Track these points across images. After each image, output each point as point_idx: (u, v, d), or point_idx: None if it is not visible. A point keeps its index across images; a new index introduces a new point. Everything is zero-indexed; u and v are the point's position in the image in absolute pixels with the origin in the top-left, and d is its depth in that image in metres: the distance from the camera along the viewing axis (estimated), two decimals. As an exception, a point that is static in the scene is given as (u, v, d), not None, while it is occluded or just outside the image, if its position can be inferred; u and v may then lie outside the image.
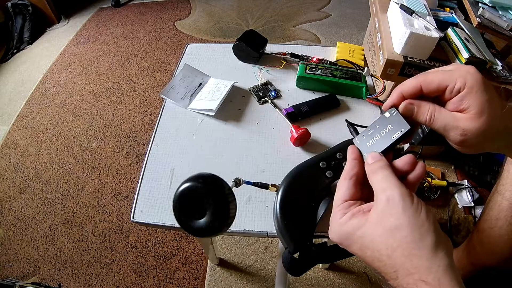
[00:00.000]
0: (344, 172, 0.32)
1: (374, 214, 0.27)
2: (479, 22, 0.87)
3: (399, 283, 0.24)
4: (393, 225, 0.25)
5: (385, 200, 0.26)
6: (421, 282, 0.23)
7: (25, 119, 1.51)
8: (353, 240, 0.27)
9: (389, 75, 0.93)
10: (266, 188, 0.45)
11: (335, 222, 0.29)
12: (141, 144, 1.37)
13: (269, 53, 0.71)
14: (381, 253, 0.25)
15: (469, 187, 1.12)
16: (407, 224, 0.24)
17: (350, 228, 0.28)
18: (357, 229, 0.27)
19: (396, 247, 0.24)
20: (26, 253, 1.07)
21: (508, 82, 0.88)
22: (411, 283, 0.23)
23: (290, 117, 0.58)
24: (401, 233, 0.24)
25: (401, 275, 0.24)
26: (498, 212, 0.70)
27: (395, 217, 0.25)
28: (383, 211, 0.26)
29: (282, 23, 2.03)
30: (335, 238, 0.29)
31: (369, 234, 0.26)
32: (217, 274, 0.99)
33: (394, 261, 0.24)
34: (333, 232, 0.30)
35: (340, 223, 0.29)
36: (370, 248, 0.26)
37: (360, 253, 0.27)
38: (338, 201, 0.30)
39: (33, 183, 1.26)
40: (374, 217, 0.26)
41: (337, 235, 0.29)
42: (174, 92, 0.63)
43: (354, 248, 0.28)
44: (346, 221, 0.28)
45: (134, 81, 1.65)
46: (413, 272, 0.23)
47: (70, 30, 2.05)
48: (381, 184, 0.28)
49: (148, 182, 0.51)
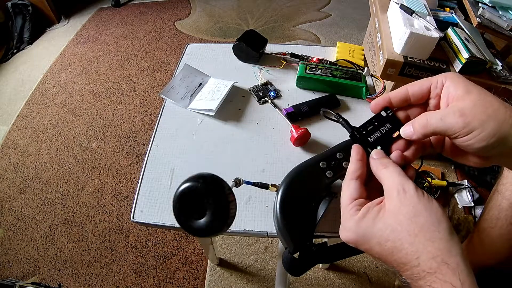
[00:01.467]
0: (349, 173, 0.32)
1: (391, 206, 0.27)
2: (479, 22, 0.87)
3: (420, 269, 0.24)
4: (412, 213, 0.26)
5: (402, 191, 0.27)
6: (444, 264, 0.24)
7: (25, 119, 1.51)
8: (372, 235, 0.27)
9: (389, 75, 0.93)
10: (266, 188, 0.45)
11: (349, 219, 0.29)
12: (141, 144, 1.37)
13: (269, 53, 0.71)
14: (402, 241, 0.25)
15: (469, 187, 1.12)
16: (424, 210, 0.26)
17: (370, 222, 0.27)
18: (377, 222, 0.27)
19: (418, 232, 0.25)
20: (26, 253, 1.07)
21: (508, 82, 0.88)
22: (435, 266, 0.24)
23: (290, 117, 0.58)
24: (421, 218, 0.25)
25: (423, 261, 0.24)
26: (499, 212, 0.70)
27: (412, 205, 0.26)
28: (401, 202, 0.27)
29: (282, 23, 2.03)
30: (351, 236, 0.29)
31: (390, 225, 0.26)
32: (217, 274, 0.99)
33: (417, 247, 0.25)
34: (348, 231, 0.29)
35: (357, 220, 0.28)
36: (391, 238, 0.26)
37: (377, 248, 0.27)
38: (348, 200, 0.30)
39: (33, 183, 1.26)
40: (391, 209, 0.27)
41: (353, 232, 0.28)
42: (174, 92, 0.63)
43: (373, 242, 0.27)
44: (363, 216, 0.28)
45: (134, 81, 1.65)
46: (437, 254, 0.24)
47: (70, 30, 2.05)
48: (391, 177, 0.29)
49: (148, 182, 0.51)
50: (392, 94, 0.33)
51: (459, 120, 0.27)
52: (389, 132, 0.33)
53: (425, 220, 0.25)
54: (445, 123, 0.28)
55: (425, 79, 0.32)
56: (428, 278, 0.24)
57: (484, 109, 0.27)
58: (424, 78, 0.32)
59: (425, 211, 0.26)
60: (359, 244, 0.29)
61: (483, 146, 0.27)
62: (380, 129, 0.34)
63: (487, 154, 0.29)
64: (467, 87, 0.29)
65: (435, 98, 0.32)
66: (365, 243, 0.28)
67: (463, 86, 0.29)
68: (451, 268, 0.23)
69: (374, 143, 0.33)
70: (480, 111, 0.27)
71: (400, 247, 0.25)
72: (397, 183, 0.28)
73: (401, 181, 0.28)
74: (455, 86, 0.29)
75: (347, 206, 0.30)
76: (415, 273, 0.25)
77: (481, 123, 0.27)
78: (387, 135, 0.33)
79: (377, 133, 0.34)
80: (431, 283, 0.24)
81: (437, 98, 0.32)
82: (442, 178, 1.17)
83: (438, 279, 0.23)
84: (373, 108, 0.35)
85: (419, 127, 0.30)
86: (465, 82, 0.29)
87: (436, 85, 0.31)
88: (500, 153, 0.28)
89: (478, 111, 0.27)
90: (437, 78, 0.31)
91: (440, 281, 0.23)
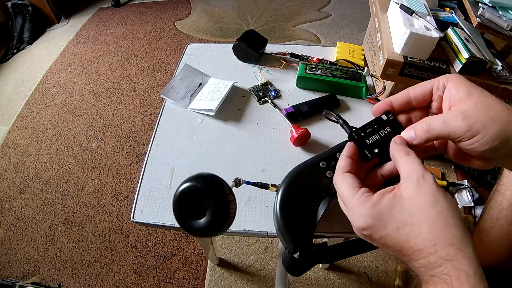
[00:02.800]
0: (339, 168, 0.31)
1: (409, 191, 0.27)
2: (479, 22, 0.87)
3: (437, 256, 0.24)
4: (431, 200, 0.26)
5: (421, 177, 0.27)
6: (460, 252, 0.24)
7: (25, 119, 1.51)
8: (390, 218, 0.27)
9: (389, 75, 0.93)
10: (266, 188, 0.45)
11: (363, 205, 0.28)
12: (141, 144, 1.37)
13: (269, 53, 0.71)
14: (421, 226, 0.25)
15: (469, 187, 1.12)
16: (442, 198, 0.26)
17: (386, 207, 0.27)
18: (394, 206, 0.27)
19: (436, 219, 0.25)
20: (26, 253, 1.07)
21: (508, 82, 0.88)
22: (452, 254, 0.24)
23: (290, 117, 0.58)
24: (438, 206, 0.25)
25: (440, 247, 0.24)
26: (499, 212, 0.70)
27: (431, 193, 0.26)
28: (419, 188, 0.27)
29: (282, 23, 2.03)
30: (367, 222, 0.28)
31: (408, 209, 0.26)
32: (217, 274, 0.99)
33: (435, 234, 0.25)
34: (363, 216, 0.28)
35: (372, 204, 0.27)
36: (409, 223, 0.26)
37: (394, 234, 0.27)
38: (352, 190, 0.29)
39: (33, 183, 1.26)
40: (410, 194, 0.27)
41: (369, 217, 0.27)
42: (174, 92, 0.63)
43: (390, 227, 0.27)
44: (378, 201, 0.28)
45: (134, 81, 1.65)
46: (453, 242, 0.24)
47: (70, 30, 2.05)
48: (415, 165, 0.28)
49: (148, 182, 0.51)
50: (394, 98, 0.33)
51: (462, 124, 0.27)
52: (388, 135, 0.33)
53: (442, 207, 0.25)
54: (448, 127, 0.28)
55: (427, 82, 0.32)
56: (445, 266, 0.24)
57: (487, 111, 0.27)
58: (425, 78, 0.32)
59: (443, 200, 0.26)
60: (375, 230, 0.28)
61: (486, 149, 0.27)
62: (379, 132, 0.33)
63: (490, 156, 0.29)
64: (469, 89, 0.29)
65: (437, 101, 0.32)
66: (381, 228, 0.27)
67: (465, 88, 0.29)
68: (466, 257, 0.24)
69: (372, 145, 0.33)
70: (483, 114, 0.27)
71: (418, 233, 0.25)
72: (418, 171, 0.28)
73: (422, 170, 0.28)
74: (457, 88, 0.29)
75: (354, 195, 0.29)
76: (431, 261, 0.25)
77: (484, 125, 0.26)
78: (387, 138, 0.33)
79: (376, 135, 0.33)
80: (448, 271, 0.24)
81: (439, 100, 0.31)
82: (442, 178, 1.17)
83: (454, 267, 0.23)
84: (375, 112, 0.34)
85: (421, 132, 0.30)
86: (467, 83, 0.29)
87: (438, 87, 0.31)
88: (503, 155, 0.28)
89: (480, 113, 0.27)
90: (439, 80, 0.31)
91: (455, 269, 0.23)
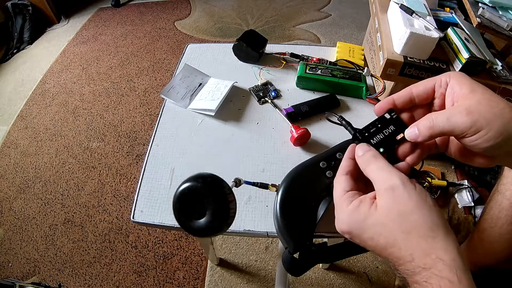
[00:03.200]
0: (340, 169, 0.32)
1: (381, 203, 0.27)
2: (479, 22, 0.87)
3: (415, 265, 0.24)
4: (404, 210, 0.25)
5: (389, 189, 0.27)
6: (439, 261, 0.23)
7: (25, 119, 1.51)
8: (365, 228, 0.27)
9: (389, 75, 0.93)
10: (266, 188, 0.45)
11: (343, 211, 0.29)
12: (141, 144, 1.37)
13: (269, 53, 0.71)
14: (395, 237, 0.25)
15: (469, 187, 1.12)
16: (416, 208, 0.25)
17: (361, 216, 0.27)
18: (368, 217, 0.27)
19: (410, 230, 0.25)
20: (26, 253, 1.07)
21: (508, 82, 0.88)
22: (429, 263, 0.24)
23: (290, 117, 0.58)
24: (413, 216, 0.25)
25: (417, 257, 0.24)
26: (499, 211, 0.70)
27: (403, 204, 0.26)
28: (391, 200, 0.26)
29: (282, 23, 2.03)
30: (345, 228, 0.29)
31: (381, 221, 0.26)
32: (217, 274, 0.99)
33: (410, 243, 0.25)
34: (341, 223, 0.29)
35: (349, 211, 0.28)
36: (384, 234, 0.26)
37: (370, 242, 0.27)
38: (341, 192, 0.30)
39: (33, 183, 1.26)
40: (382, 206, 0.27)
41: (346, 224, 0.28)
42: (174, 92, 0.63)
43: (365, 236, 0.27)
44: (354, 208, 0.28)
45: (134, 81, 1.65)
46: (431, 252, 0.24)
47: (70, 30, 2.05)
48: (378, 174, 0.28)
49: (148, 182, 0.51)
50: (396, 96, 0.33)
51: (466, 119, 0.27)
52: (392, 134, 0.33)
53: (417, 218, 0.25)
54: (452, 122, 0.28)
55: (429, 79, 0.32)
56: (424, 274, 0.24)
57: (490, 108, 0.27)
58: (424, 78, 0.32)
59: (417, 209, 0.25)
60: (354, 236, 0.28)
61: (489, 145, 0.27)
62: (383, 131, 0.33)
63: (493, 153, 0.29)
64: (472, 86, 0.29)
65: (439, 98, 0.31)
66: (358, 235, 0.28)
67: (468, 85, 0.29)
68: (447, 265, 0.23)
69: (376, 145, 0.33)
70: (486, 110, 0.26)
71: (393, 243, 0.25)
72: (383, 180, 0.28)
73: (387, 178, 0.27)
74: (460, 85, 0.29)
75: (340, 198, 0.30)
76: (410, 268, 0.25)
77: (488, 122, 0.26)
78: (391, 137, 0.33)
79: (380, 135, 0.33)
80: (428, 279, 0.23)
81: (442, 97, 0.31)
82: (442, 178, 1.17)
83: (435, 275, 0.23)
84: (377, 111, 0.34)
85: (425, 129, 0.30)
86: (470, 81, 0.29)
87: (440, 84, 0.31)
88: (505, 152, 0.28)
89: (484, 109, 0.27)
90: (441, 77, 0.31)
91: (436, 276, 0.23)
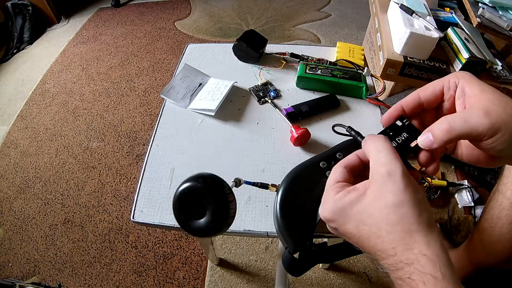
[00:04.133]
0: (340, 161, 0.31)
1: (373, 189, 0.26)
2: (479, 22, 0.87)
3: (397, 259, 0.24)
4: (394, 202, 0.25)
5: (386, 174, 0.25)
6: (422, 256, 0.23)
7: (25, 119, 1.51)
8: (349, 216, 0.26)
9: (389, 75, 0.93)
10: (266, 188, 0.45)
11: (329, 199, 0.28)
12: (141, 144, 1.37)
13: (269, 53, 0.71)
14: (380, 228, 0.25)
15: (469, 187, 1.12)
16: (407, 201, 0.24)
17: (347, 204, 0.27)
18: (354, 204, 0.26)
19: (396, 223, 0.24)
20: (26, 253, 1.07)
21: (508, 82, 0.88)
22: (412, 257, 0.23)
23: (290, 117, 0.58)
24: (402, 209, 0.24)
25: (400, 251, 0.24)
26: (499, 211, 0.70)
27: (395, 193, 0.25)
28: (383, 186, 0.25)
29: (282, 23, 2.03)
30: (328, 215, 0.28)
31: (368, 210, 0.26)
32: (217, 274, 0.99)
33: (394, 236, 0.24)
34: (326, 210, 0.28)
35: (335, 199, 0.27)
36: (368, 223, 0.25)
37: (354, 231, 0.26)
38: (332, 181, 0.29)
39: (33, 183, 1.26)
40: (373, 192, 0.26)
41: (330, 212, 0.28)
42: (174, 92, 0.63)
43: (349, 225, 0.27)
44: (342, 197, 0.27)
45: (134, 81, 1.65)
46: (414, 247, 0.23)
47: (70, 30, 2.05)
48: (380, 157, 0.27)
49: (148, 182, 0.51)
50: (404, 102, 0.32)
51: (485, 121, 0.25)
52: (405, 141, 0.31)
53: (406, 211, 0.24)
54: (470, 124, 0.26)
55: (436, 81, 0.30)
56: (407, 269, 0.23)
57: (504, 108, 0.26)
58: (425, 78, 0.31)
59: (408, 203, 0.24)
60: (338, 225, 0.28)
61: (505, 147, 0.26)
62: (396, 139, 0.32)
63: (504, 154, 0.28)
64: (481, 86, 0.28)
65: (449, 101, 0.30)
66: (342, 224, 0.27)
67: (477, 86, 0.28)
68: (430, 260, 0.23)
69: None
70: (501, 111, 0.25)
71: (377, 233, 0.25)
72: (382, 163, 0.26)
73: (387, 162, 0.26)
74: (470, 86, 0.28)
75: (330, 187, 0.29)
76: (392, 263, 0.24)
77: (504, 123, 0.25)
78: (404, 145, 0.31)
79: (393, 143, 0.31)
80: (410, 275, 0.23)
81: (452, 100, 0.30)
82: (442, 178, 1.17)
83: (418, 271, 0.23)
84: (385, 120, 0.32)
85: (441, 134, 0.27)
86: (479, 81, 0.28)
87: (449, 86, 0.30)
88: None
89: (499, 110, 0.25)
90: (449, 78, 0.30)
91: (419, 272, 0.23)
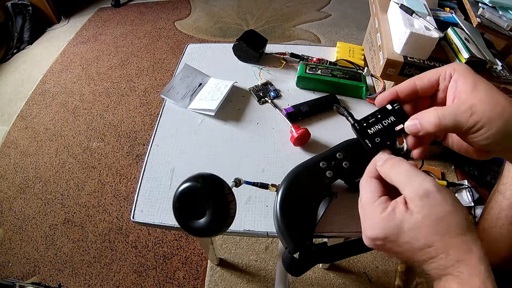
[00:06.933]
0: (367, 171, 0.32)
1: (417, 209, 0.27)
2: (479, 22, 0.87)
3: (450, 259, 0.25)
4: (440, 216, 0.26)
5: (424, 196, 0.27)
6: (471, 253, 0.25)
7: (25, 119, 1.51)
8: (401, 233, 0.27)
9: (389, 75, 0.93)
10: (266, 188, 0.45)
11: (377, 217, 0.29)
12: (141, 144, 1.37)
13: (269, 53, 0.71)
14: (433, 240, 0.26)
15: (469, 187, 1.12)
16: (450, 211, 0.26)
17: (398, 221, 0.27)
18: (405, 222, 0.27)
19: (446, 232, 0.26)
20: (26, 253, 1.07)
21: (508, 82, 0.88)
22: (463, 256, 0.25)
23: (290, 117, 0.58)
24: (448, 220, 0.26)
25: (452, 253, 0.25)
26: (499, 211, 0.70)
27: (439, 209, 0.26)
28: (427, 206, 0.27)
29: (282, 23, 2.03)
30: (380, 234, 0.28)
31: (418, 227, 0.27)
32: (217, 274, 0.99)
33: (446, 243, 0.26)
34: (375, 229, 0.29)
35: (384, 217, 0.28)
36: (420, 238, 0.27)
37: (407, 246, 0.27)
38: (372, 198, 0.30)
39: (33, 183, 1.26)
40: (419, 212, 0.27)
41: (381, 230, 0.28)
42: (174, 92, 0.63)
43: (402, 240, 0.27)
44: (389, 214, 0.28)
45: (134, 81, 1.65)
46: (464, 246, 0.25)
47: (70, 30, 2.05)
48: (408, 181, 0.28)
49: (148, 182, 0.51)
50: (399, 88, 0.32)
51: (471, 119, 0.27)
52: (391, 125, 0.32)
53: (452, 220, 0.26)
54: (456, 122, 0.28)
55: (433, 71, 0.31)
56: (457, 265, 0.25)
57: (493, 107, 0.27)
58: None
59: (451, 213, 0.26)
60: (388, 241, 0.28)
61: (488, 143, 0.28)
62: (382, 122, 0.32)
63: (491, 149, 0.30)
64: (475, 81, 0.29)
65: (443, 91, 0.31)
66: (394, 240, 0.28)
67: (471, 80, 0.29)
68: (477, 255, 0.25)
69: (373, 135, 0.32)
70: (488, 109, 0.27)
71: (430, 244, 0.26)
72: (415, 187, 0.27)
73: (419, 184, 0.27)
74: (464, 80, 0.29)
75: (372, 204, 0.29)
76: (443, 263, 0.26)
77: (489, 121, 0.27)
78: (389, 128, 0.32)
79: (379, 125, 0.32)
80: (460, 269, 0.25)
81: (445, 90, 0.31)
82: (442, 178, 1.17)
83: (466, 265, 0.25)
84: (379, 102, 0.33)
85: (429, 125, 0.29)
86: (474, 75, 0.29)
87: (444, 77, 0.31)
88: (504, 148, 0.29)
89: (487, 109, 0.27)
90: (445, 69, 0.31)
91: (467, 266, 0.25)
